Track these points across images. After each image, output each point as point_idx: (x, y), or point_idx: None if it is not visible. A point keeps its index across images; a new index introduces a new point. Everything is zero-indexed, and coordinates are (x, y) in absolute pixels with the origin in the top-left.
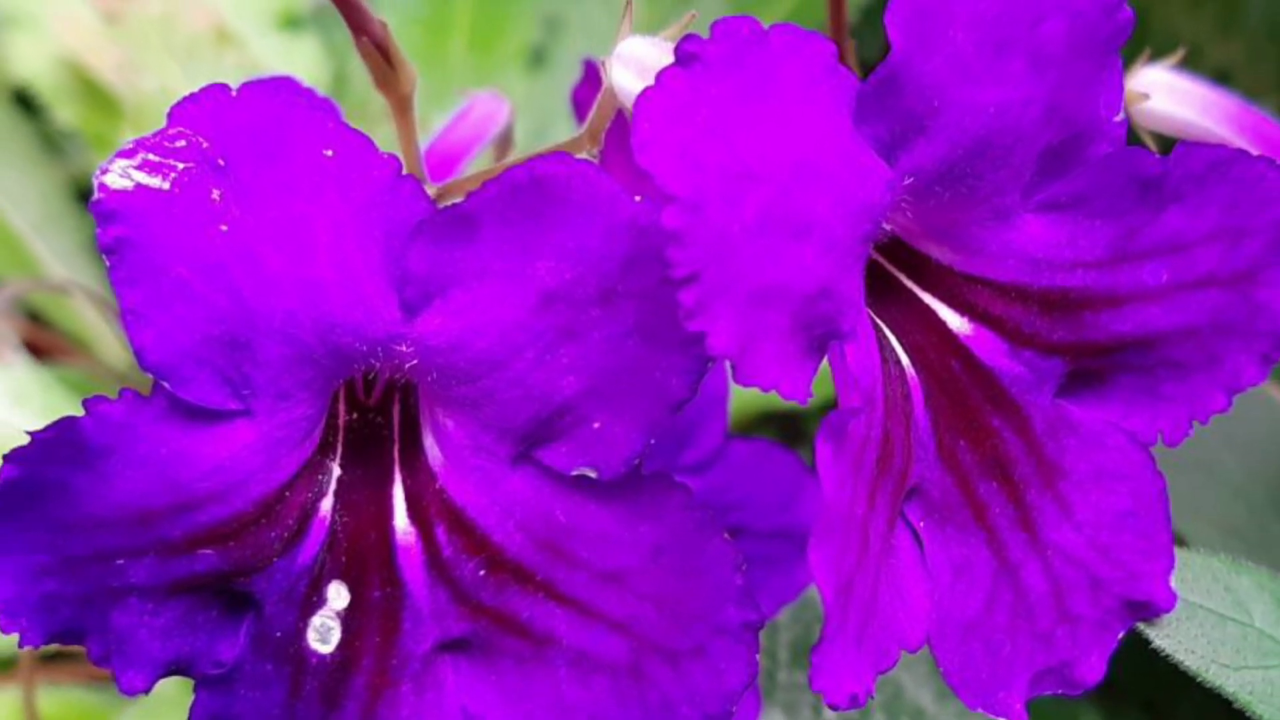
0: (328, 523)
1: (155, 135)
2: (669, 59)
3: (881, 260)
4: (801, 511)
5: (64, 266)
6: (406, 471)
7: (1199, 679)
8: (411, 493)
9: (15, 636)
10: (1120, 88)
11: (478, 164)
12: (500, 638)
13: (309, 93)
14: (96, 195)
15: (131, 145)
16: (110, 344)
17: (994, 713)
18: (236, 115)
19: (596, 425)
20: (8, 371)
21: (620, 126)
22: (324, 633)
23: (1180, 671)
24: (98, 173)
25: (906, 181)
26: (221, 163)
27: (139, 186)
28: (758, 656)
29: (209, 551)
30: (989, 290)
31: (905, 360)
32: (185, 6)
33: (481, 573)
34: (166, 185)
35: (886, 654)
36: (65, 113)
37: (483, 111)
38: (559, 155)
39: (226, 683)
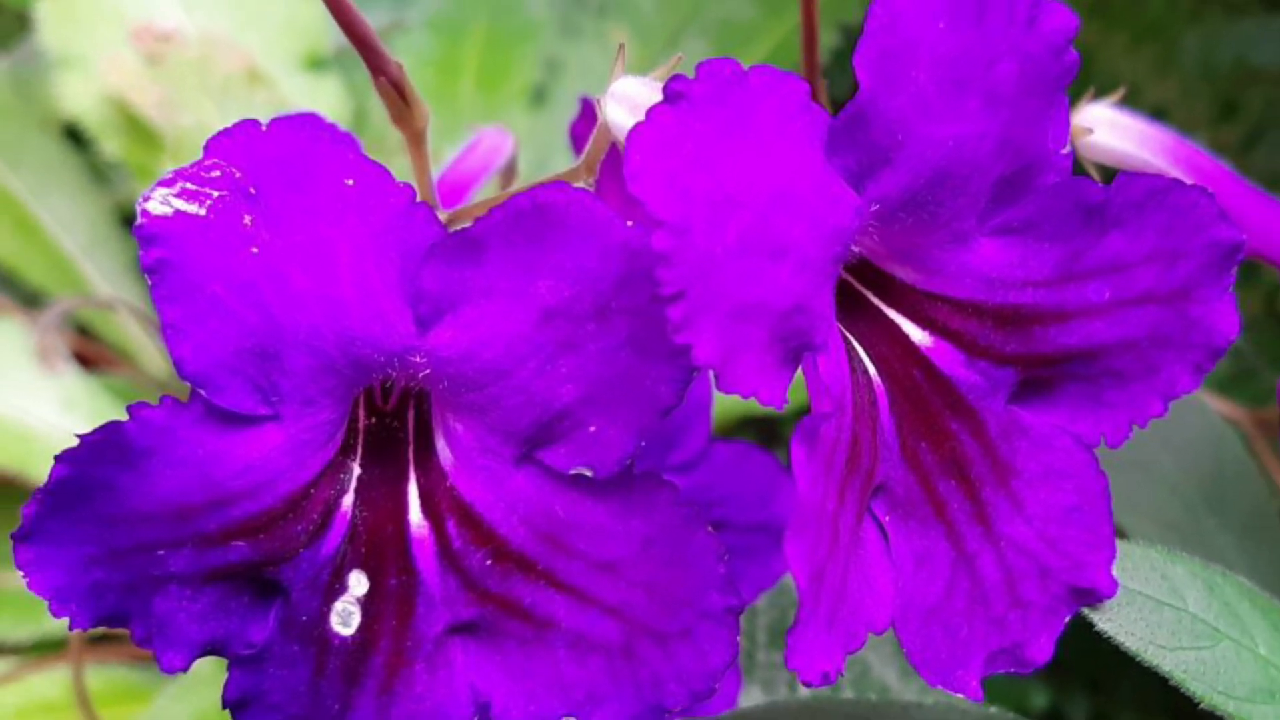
0: (349, 517)
1: (193, 166)
2: (658, 97)
3: (850, 279)
4: (778, 507)
5: (110, 285)
6: (420, 471)
7: (1138, 659)
8: (425, 490)
9: (66, 620)
10: (1066, 123)
11: (485, 192)
12: (505, 621)
13: (332, 127)
14: (139, 220)
15: (171, 175)
16: (152, 355)
17: (952, 689)
18: (266, 148)
19: (593, 429)
20: (58, 380)
21: (614, 158)
22: (345, 617)
23: (1121, 652)
24: (140, 200)
25: (873, 208)
26: (253, 191)
27: (178, 213)
28: (738, 638)
29: (241, 543)
30: (948, 307)
31: (872, 370)
32: (220, 49)
33: (488, 562)
34: (203, 211)
35: (855, 636)
36: (111, 145)
37: (489, 145)
38: (558, 184)
39: (257, 662)
